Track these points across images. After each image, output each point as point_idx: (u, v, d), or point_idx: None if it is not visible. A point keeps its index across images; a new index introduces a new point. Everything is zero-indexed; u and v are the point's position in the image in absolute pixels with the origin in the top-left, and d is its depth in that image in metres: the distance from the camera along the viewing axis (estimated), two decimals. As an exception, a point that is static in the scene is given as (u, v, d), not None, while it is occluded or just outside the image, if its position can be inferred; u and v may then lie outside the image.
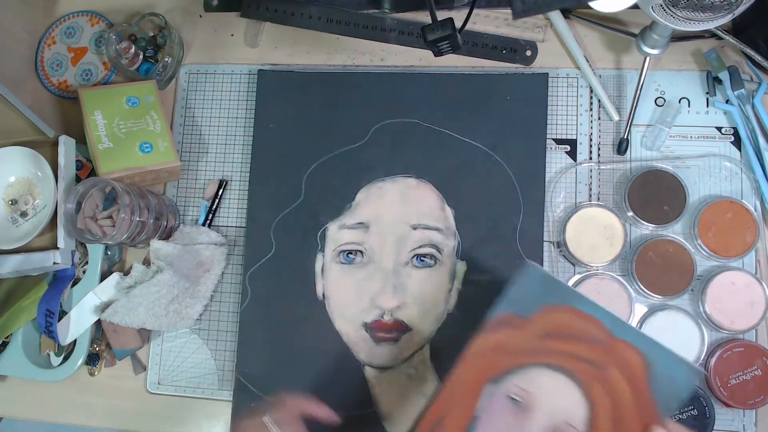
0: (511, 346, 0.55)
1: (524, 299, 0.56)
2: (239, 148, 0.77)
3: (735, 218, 0.66)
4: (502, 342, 0.55)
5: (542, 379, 0.54)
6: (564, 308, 0.55)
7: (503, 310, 0.56)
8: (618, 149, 0.70)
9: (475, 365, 0.55)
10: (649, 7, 0.55)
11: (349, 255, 0.70)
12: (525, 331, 0.55)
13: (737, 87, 0.68)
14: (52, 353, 0.75)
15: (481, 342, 0.56)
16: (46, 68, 0.83)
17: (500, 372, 0.55)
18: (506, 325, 0.56)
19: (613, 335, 0.54)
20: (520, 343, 0.55)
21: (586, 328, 0.55)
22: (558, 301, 0.56)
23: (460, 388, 0.55)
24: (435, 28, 0.57)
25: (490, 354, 0.55)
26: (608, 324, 0.55)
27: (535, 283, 0.56)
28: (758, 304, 0.64)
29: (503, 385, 0.54)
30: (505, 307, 0.56)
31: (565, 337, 0.55)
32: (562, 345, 0.54)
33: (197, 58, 0.80)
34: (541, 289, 0.56)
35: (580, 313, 0.55)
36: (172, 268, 0.70)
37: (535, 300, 0.56)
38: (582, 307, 0.55)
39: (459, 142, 0.71)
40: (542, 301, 0.56)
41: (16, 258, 0.70)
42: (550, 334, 0.55)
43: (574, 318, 0.55)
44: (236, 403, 0.70)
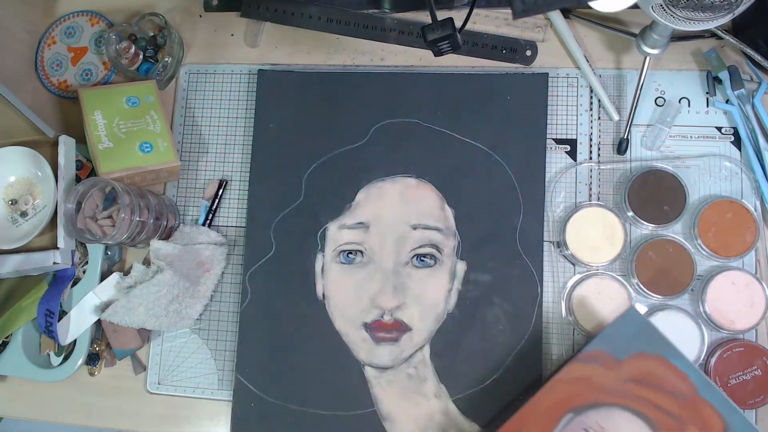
0: (597, 382, 0.57)
1: (619, 340, 0.58)
2: (239, 148, 0.77)
3: (735, 218, 0.66)
4: (591, 376, 0.57)
5: (621, 421, 0.55)
6: (656, 357, 0.57)
7: (597, 347, 0.58)
8: (618, 149, 0.70)
9: (560, 391, 0.57)
10: (649, 7, 0.55)
11: (349, 255, 0.70)
12: (614, 372, 0.57)
13: (737, 87, 0.68)
14: (52, 353, 0.75)
15: (571, 370, 0.58)
16: (46, 68, 0.83)
17: (582, 404, 0.56)
18: (597, 361, 0.57)
19: (699, 394, 0.56)
20: (607, 381, 0.57)
21: (673, 381, 0.56)
22: (651, 350, 0.57)
23: (542, 409, 0.57)
24: (435, 28, 0.57)
25: (577, 384, 0.57)
26: (696, 382, 0.56)
27: (632, 328, 0.58)
28: (758, 304, 0.64)
29: (582, 418, 0.55)
30: (600, 344, 0.58)
31: (652, 386, 0.56)
32: (647, 392, 0.56)
33: (197, 58, 0.80)
34: (637, 334, 0.58)
35: (670, 366, 0.57)
36: (172, 268, 0.70)
37: (630, 344, 0.58)
38: (674, 361, 0.57)
39: (459, 142, 0.71)
40: (636, 348, 0.57)
41: (16, 258, 0.70)
42: (638, 380, 0.56)
43: (664, 369, 0.57)
44: (236, 403, 0.70)
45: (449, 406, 0.67)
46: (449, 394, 0.67)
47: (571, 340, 0.68)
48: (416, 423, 0.67)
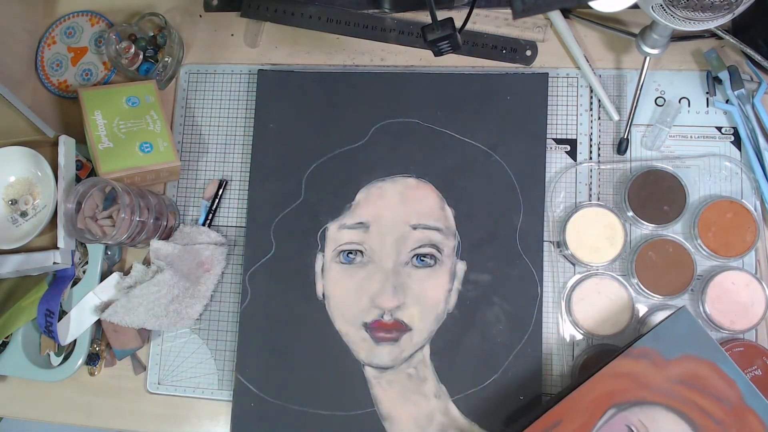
0: (644, 380, 0.57)
1: (669, 340, 0.58)
2: (239, 148, 0.77)
3: (735, 218, 0.66)
4: (638, 372, 0.57)
5: (665, 422, 0.55)
6: (705, 362, 0.57)
7: (647, 344, 0.57)
8: (618, 149, 0.70)
9: (606, 384, 0.57)
10: (649, 7, 0.55)
11: (349, 255, 0.70)
12: (662, 371, 0.57)
13: (737, 87, 0.68)
14: (52, 353, 0.75)
15: (619, 365, 0.57)
16: (46, 68, 0.83)
17: (627, 400, 0.56)
18: (646, 359, 0.57)
19: (745, 402, 0.56)
20: (654, 379, 0.57)
21: (720, 386, 0.56)
22: (701, 354, 0.57)
23: (586, 400, 0.57)
24: (435, 28, 0.57)
25: (623, 379, 0.57)
26: (743, 389, 0.56)
27: (684, 328, 0.58)
28: (758, 304, 0.64)
29: (626, 414, 0.55)
30: (650, 342, 0.58)
31: (698, 389, 0.56)
32: (693, 395, 0.56)
33: (197, 58, 0.80)
34: (688, 335, 0.58)
35: (718, 371, 0.57)
36: (172, 268, 0.70)
37: (680, 345, 0.57)
38: (722, 366, 0.57)
39: (459, 142, 0.71)
40: (686, 349, 0.57)
41: (16, 258, 0.70)
42: (685, 382, 0.56)
43: (712, 374, 0.57)
44: (236, 403, 0.70)
45: (449, 406, 0.67)
46: (449, 394, 0.67)
47: (571, 340, 0.68)
48: (416, 423, 0.67)
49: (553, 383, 0.67)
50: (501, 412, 0.66)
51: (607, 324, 0.66)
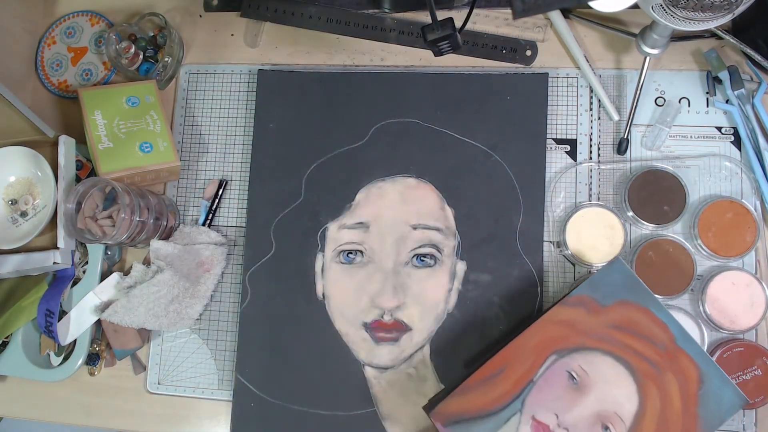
0: (582, 326, 0.59)
1: (605, 288, 0.60)
2: (239, 148, 0.77)
3: (735, 218, 0.66)
4: (576, 319, 0.59)
5: (603, 366, 0.58)
6: (638, 307, 0.59)
7: (584, 292, 0.60)
8: (618, 149, 0.70)
9: (546, 331, 0.59)
10: (649, 7, 0.55)
11: (349, 255, 0.70)
12: (598, 317, 0.59)
13: (737, 87, 0.68)
14: (52, 353, 0.75)
15: (558, 312, 0.59)
16: (46, 68, 0.83)
17: (567, 347, 0.59)
18: (583, 306, 0.60)
19: (677, 344, 0.58)
20: (591, 326, 0.59)
21: (654, 330, 0.59)
22: (635, 300, 0.59)
23: (527, 348, 0.59)
24: (435, 28, 0.57)
25: (563, 327, 0.59)
26: (674, 332, 0.59)
27: (619, 277, 0.60)
28: (758, 304, 0.64)
29: (566, 360, 0.58)
30: (586, 290, 0.60)
31: (634, 334, 0.59)
32: (629, 339, 0.58)
33: (197, 58, 0.80)
34: (622, 283, 0.60)
35: (651, 316, 0.59)
36: (172, 268, 0.70)
37: (615, 292, 0.60)
38: (655, 311, 0.59)
39: (459, 142, 0.71)
40: (622, 296, 0.59)
41: (16, 258, 0.70)
42: (621, 327, 0.59)
43: (645, 318, 0.59)
44: (236, 403, 0.70)
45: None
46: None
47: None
48: (416, 423, 0.67)
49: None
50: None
51: (607, 324, 0.66)
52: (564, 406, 0.57)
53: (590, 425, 0.56)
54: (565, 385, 0.57)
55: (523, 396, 0.58)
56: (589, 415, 0.57)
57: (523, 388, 0.58)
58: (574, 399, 0.57)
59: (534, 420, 0.57)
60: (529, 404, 0.58)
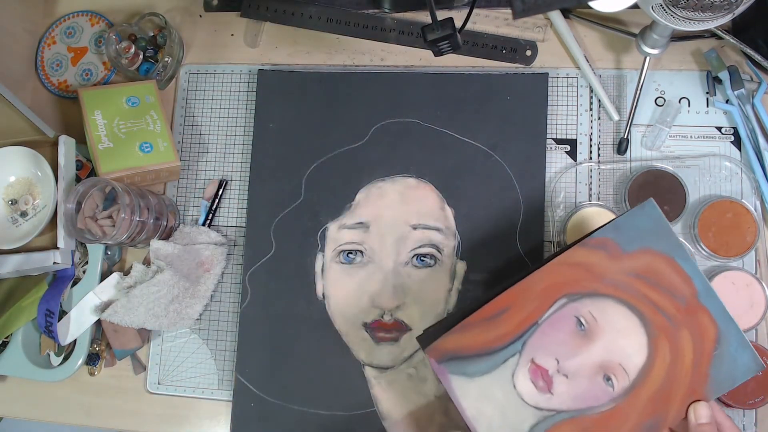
0: (598, 270, 0.55)
1: (630, 232, 0.55)
2: (239, 148, 0.77)
3: (735, 218, 0.66)
4: (593, 263, 0.55)
5: (615, 315, 0.54)
6: (664, 257, 0.55)
7: (607, 234, 0.55)
8: (618, 149, 0.70)
9: (560, 273, 0.55)
10: (649, 7, 0.55)
11: (349, 255, 0.70)
12: (618, 263, 0.55)
13: (737, 87, 0.68)
14: (52, 353, 0.75)
15: (575, 254, 0.55)
16: (46, 68, 0.83)
17: (579, 291, 0.54)
18: (603, 249, 0.55)
19: (699, 299, 0.54)
20: (609, 271, 0.54)
21: (676, 283, 0.54)
22: (661, 248, 0.55)
23: (537, 288, 0.55)
24: (435, 28, 0.57)
25: (577, 269, 0.55)
26: (699, 287, 0.54)
27: (647, 222, 0.55)
28: (758, 304, 0.64)
29: (576, 305, 0.54)
30: (610, 233, 0.55)
31: (654, 284, 0.54)
32: (647, 290, 0.54)
33: (197, 58, 0.80)
34: (650, 229, 0.55)
35: (676, 267, 0.54)
36: (172, 268, 0.70)
37: (641, 238, 0.55)
38: (680, 262, 0.54)
39: (459, 142, 0.71)
40: (646, 243, 0.55)
41: (16, 258, 0.70)
42: (640, 275, 0.54)
43: (669, 270, 0.54)
44: (236, 403, 0.70)
45: (449, 406, 0.67)
46: (449, 394, 0.67)
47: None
48: (416, 423, 0.67)
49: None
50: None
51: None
52: (567, 352, 0.53)
53: (592, 374, 0.53)
54: (572, 330, 0.54)
55: (525, 338, 0.54)
56: (593, 364, 0.53)
57: (526, 329, 0.54)
58: (579, 346, 0.53)
59: (533, 363, 0.54)
60: (530, 346, 0.54)
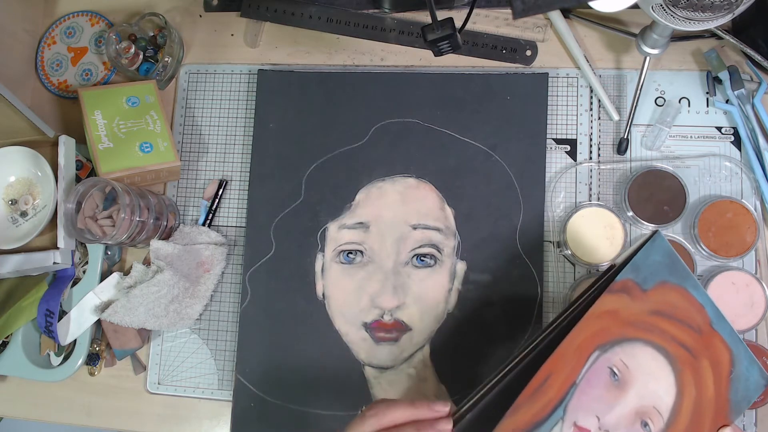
0: (624, 315, 0.54)
1: (647, 269, 0.54)
2: (239, 148, 0.77)
3: (735, 218, 0.66)
4: (618, 308, 0.54)
5: (644, 358, 0.53)
6: (678, 288, 0.54)
7: (627, 276, 0.54)
8: (618, 149, 0.70)
9: (590, 326, 0.53)
10: (649, 7, 0.55)
11: (349, 255, 0.70)
12: (640, 303, 0.54)
13: (737, 87, 0.68)
14: (52, 353, 0.75)
15: (602, 303, 0.54)
16: (46, 68, 0.83)
17: (609, 340, 0.53)
18: (626, 292, 0.54)
19: (713, 326, 0.54)
20: (632, 313, 0.54)
21: (692, 313, 0.54)
22: (674, 280, 0.55)
23: (572, 348, 0.53)
24: (435, 28, 0.57)
25: (605, 318, 0.53)
26: (711, 314, 0.54)
27: (659, 255, 0.55)
28: (758, 304, 0.64)
29: (608, 355, 0.53)
30: (630, 274, 0.54)
31: (673, 319, 0.54)
32: (668, 326, 0.54)
33: (197, 58, 0.80)
34: (662, 262, 0.55)
35: (689, 297, 0.54)
36: (172, 268, 0.70)
37: (656, 273, 0.54)
38: (693, 292, 0.54)
39: (459, 142, 0.71)
40: (662, 277, 0.54)
41: (16, 258, 0.70)
42: (660, 312, 0.54)
43: (684, 301, 0.54)
44: (236, 403, 0.70)
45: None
46: (449, 394, 0.67)
47: (571, 340, 0.68)
48: (416, 423, 0.67)
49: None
50: (501, 412, 0.66)
51: (607, 324, 0.66)
52: (605, 406, 0.52)
53: (630, 423, 0.52)
54: (606, 383, 0.53)
55: (565, 402, 0.52)
56: (629, 413, 0.52)
57: (566, 392, 0.52)
58: (615, 397, 0.52)
59: (576, 426, 0.52)
60: (572, 409, 0.52)
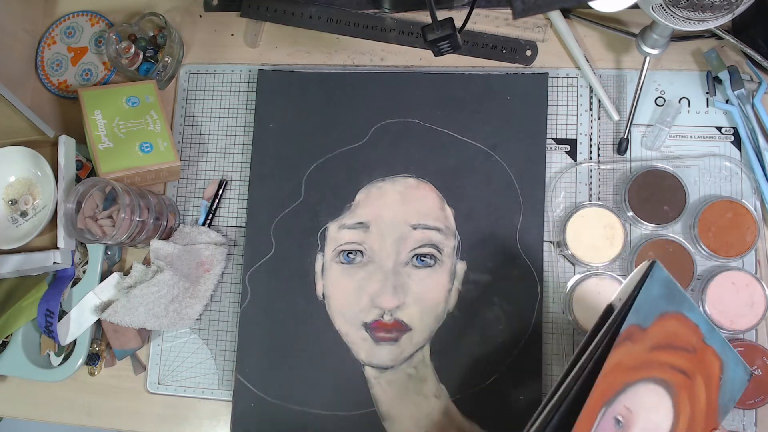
0: (628, 362, 0.51)
1: (647, 308, 0.52)
2: (239, 148, 0.77)
3: (735, 218, 0.66)
4: (622, 359, 0.51)
5: (644, 395, 0.52)
6: (675, 315, 0.52)
7: (631, 322, 0.51)
8: (618, 149, 0.70)
9: (600, 388, 0.51)
10: (649, 7, 0.55)
11: (349, 255, 0.70)
12: (640, 344, 0.52)
13: (737, 87, 0.68)
14: (52, 353, 0.75)
15: (611, 360, 0.51)
16: (46, 68, 0.83)
17: (614, 393, 0.51)
18: (629, 339, 0.51)
19: (705, 342, 0.53)
20: (634, 358, 0.51)
21: (687, 335, 0.53)
22: (672, 308, 0.52)
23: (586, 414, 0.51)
24: (435, 28, 0.57)
25: (611, 374, 0.51)
26: (704, 330, 0.53)
27: (658, 287, 0.52)
28: (758, 304, 0.64)
29: (613, 408, 0.51)
30: (633, 319, 0.51)
31: (670, 348, 0.52)
32: (666, 356, 0.52)
33: (197, 58, 0.80)
34: (662, 294, 0.52)
35: (685, 321, 0.52)
36: (172, 268, 0.70)
37: (656, 308, 0.52)
38: (688, 314, 0.52)
39: (459, 142, 0.71)
40: (660, 309, 0.52)
41: (16, 258, 0.70)
42: (659, 345, 0.52)
43: (680, 326, 0.53)
44: (236, 403, 0.70)
45: (449, 406, 0.67)
46: (449, 394, 0.67)
47: (571, 340, 0.68)
48: (416, 423, 0.67)
49: (553, 383, 0.67)
50: (501, 412, 0.66)
51: (607, 324, 0.66)
52: None
53: None
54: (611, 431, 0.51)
55: None
56: None
57: None
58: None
59: None
60: None
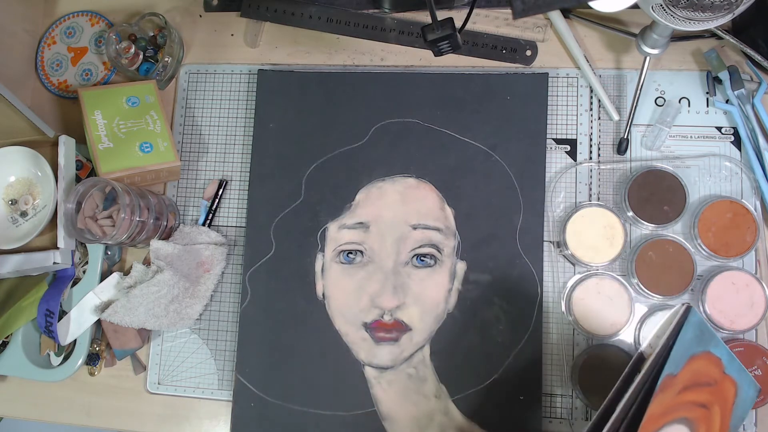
0: (659, 411, 0.51)
1: (679, 355, 0.51)
2: (239, 148, 0.77)
3: (735, 218, 0.66)
4: (655, 409, 0.51)
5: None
6: (702, 355, 0.52)
7: (666, 372, 0.51)
8: (618, 149, 0.70)
9: None
10: (649, 7, 0.55)
11: (349, 255, 0.70)
12: (672, 389, 0.51)
13: (737, 87, 0.68)
14: (52, 353, 0.75)
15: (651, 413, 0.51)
16: (46, 68, 0.83)
17: None
18: (662, 391, 0.51)
19: (725, 372, 0.53)
20: (667, 404, 0.51)
21: (710, 371, 0.53)
22: (701, 348, 0.52)
23: None
24: (435, 28, 0.57)
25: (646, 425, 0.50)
26: (725, 361, 0.53)
27: (692, 332, 0.52)
28: (758, 304, 0.64)
29: None
30: (668, 369, 0.51)
31: (695, 386, 0.52)
32: (691, 395, 0.52)
33: (197, 58, 0.80)
34: (692, 337, 0.52)
35: (711, 357, 0.52)
36: (172, 268, 0.70)
37: (687, 352, 0.52)
38: (714, 351, 0.52)
39: (459, 142, 0.71)
40: (691, 352, 0.52)
41: (16, 258, 0.70)
42: (686, 387, 0.52)
43: (705, 363, 0.52)
44: (236, 403, 0.70)
45: (449, 406, 0.67)
46: (449, 394, 0.67)
47: (571, 340, 0.68)
48: (416, 423, 0.67)
49: (553, 383, 0.67)
50: (501, 412, 0.66)
51: (607, 324, 0.66)
52: None
53: None
54: None
55: None
56: None
57: None
58: None
59: None
60: None
